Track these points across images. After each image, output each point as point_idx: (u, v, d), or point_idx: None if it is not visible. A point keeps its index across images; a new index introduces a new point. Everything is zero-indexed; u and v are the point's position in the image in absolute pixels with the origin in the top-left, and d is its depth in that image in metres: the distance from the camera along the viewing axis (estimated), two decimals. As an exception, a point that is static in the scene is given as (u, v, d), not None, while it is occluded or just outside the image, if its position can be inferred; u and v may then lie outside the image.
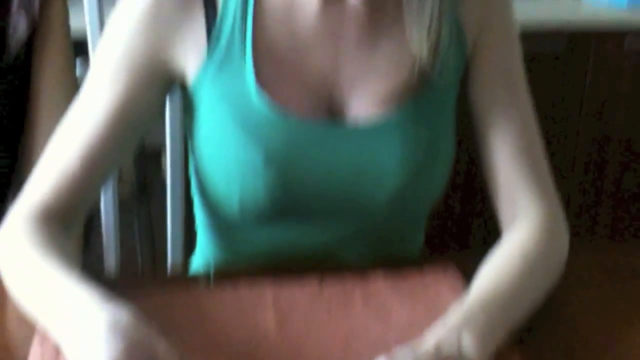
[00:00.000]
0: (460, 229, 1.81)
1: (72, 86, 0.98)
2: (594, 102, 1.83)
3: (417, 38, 0.72)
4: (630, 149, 1.89)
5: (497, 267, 0.69)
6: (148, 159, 1.80)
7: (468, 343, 0.58)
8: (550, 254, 0.73)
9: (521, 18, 1.77)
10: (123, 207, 1.30)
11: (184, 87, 0.77)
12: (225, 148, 0.73)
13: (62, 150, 0.73)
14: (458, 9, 0.76)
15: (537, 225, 0.74)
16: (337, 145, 0.74)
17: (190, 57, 0.73)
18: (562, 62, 1.78)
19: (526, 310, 0.67)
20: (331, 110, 0.75)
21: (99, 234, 1.23)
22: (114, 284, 0.68)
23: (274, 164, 0.72)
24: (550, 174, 0.79)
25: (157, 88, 0.75)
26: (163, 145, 1.24)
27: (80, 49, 1.08)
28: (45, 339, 0.62)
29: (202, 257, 0.89)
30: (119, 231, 1.24)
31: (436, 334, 0.59)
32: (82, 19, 1.15)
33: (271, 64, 0.73)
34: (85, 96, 0.74)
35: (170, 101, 1.18)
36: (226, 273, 0.77)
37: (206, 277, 0.78)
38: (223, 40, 0.72)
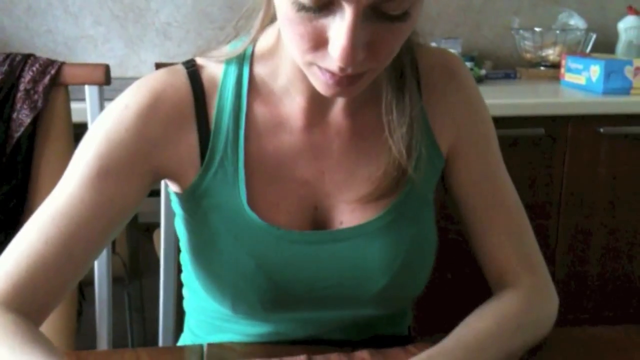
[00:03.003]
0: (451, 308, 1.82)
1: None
2: (573, 184, 1.89)
3: (398, 137, 0.76)
4: (613, 224, 1.94)
5: (467, 324, 0.75)
6: (141, 235, 1.82)
7: None
8: (530, 320, 0.78)
9: (502, 102, 1.84)
10: (115, 283, 1.31)
11: (175, 193, 0.80)
12: (217, 254, 0.76)
13: (40, 235, 0.69)
14: (428, 119, 0.80)
15: (520, 294, 0.79)
16: (323, 251, 0.77)
17: (183, 168, 0.76)
18: (541, 145, 1.85)
19: None
20: (317, 218, 0.79)
21: (91, 305, 1.24)
22: (108, 356, 0.69)
23: (265, 270, 0.76)
24: (537, 249, 0.84)
25: (143, 186, 0.75)
26: (157, 221, 1.26)
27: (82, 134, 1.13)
28: None
29: (190, 340, 0.91)
30: (112, 305, 1.25)
31: None
32: (84, 104, 1.21)
33: (261, 178, 0.76)
34: (68, 184, 0.72)
35: (165, 184, 1.21)
36: (218, 348, 0.80)
37: (199, 350, 0.80)
38: (217, 155, 0.75)
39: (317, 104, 0.77)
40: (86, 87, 1.19)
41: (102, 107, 1.19)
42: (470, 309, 0.78)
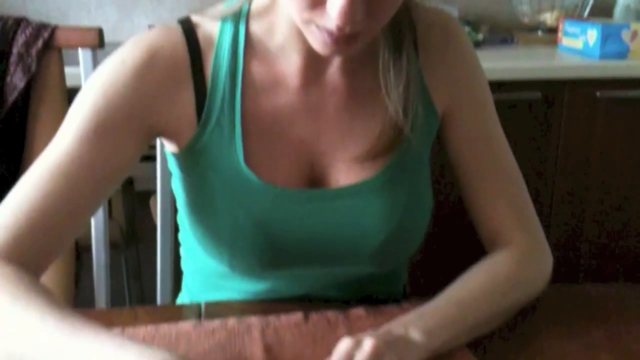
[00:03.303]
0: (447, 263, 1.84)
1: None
2: (570, 148, 1.89)
3: (394, 96, 0.76)
4: (607, 193, 1.95)
5: (461, 281, 0.76)
6: (137, 202, 1.83)
7: (415, 334, 0.66)
8: (523, 279, 0.79)
9: (499, 67, 1.83)
10: (112, 249, 1.32)
11: (171, 152, 0.80)
12: (214, 212, 0.77)
13: (38, 189, 0.69)
14: (424, 79, 0.80)
15: (514, 253, 0.80)
16: (319, 209, 0.78)
17: (179, 127, 0.76)
18: (537, 109, 1.85)
19: (485, 321, 0.73)
20: (314, 177, 0.79)
21: (89, 271, 1.25)
22: (106, 314, 0.70)
23: (262, 228, 0.76)
24: (532, 209, 0.85)
25: (140, 144, 0.75)
26: (152, 188, 1.27)
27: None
28: None
29: (188, 299, 0.92)
30: (109, 270, 1.26)
31: (387, 325, 0.67)
32: (78, 69, 1.20)
33: (257, 136, 0.76)
34: (65, 139, 0.71)
35: (161, 151, 1.21)
36: (215, 306, 0.80)
37: (196, 309, 0.81)
38: (214, 114, 0.75)
39: (313, 63, 0.76)
40: (79, 50, 1.18)
41: (96, 71, 1.18)
42: (465, 271, 0.79)
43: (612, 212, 1.96)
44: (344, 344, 0.61)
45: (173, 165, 0.82)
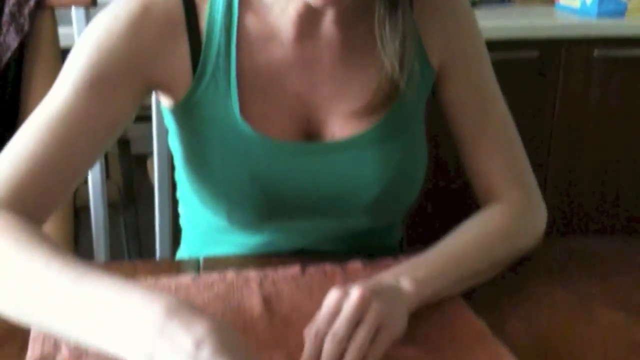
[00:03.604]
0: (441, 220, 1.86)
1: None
2: (566, 107, 1.89)
3: (390, 51, 0.75)
4: (602, 152, 1.95)
5: (453, 234, 0.77)
6: (134, 164, 1.83)
7: (405, 283, 0.67)
8: (514, 231, 0.80)
9: (497, 25, 1.81)
10: (111, 209, 1.33)
11: (167, 107, 0.80)
12: (211, 167, 0.77)
13: (37, 139, 0.69)
14: (419, 33, 0.80)
15: (507, 207, 0.81)
16: (315, 162, 0.78)
17: (175, 80, 0.75)
18: (534, 68, 1.84)
19: (477, 272, 0.74)
20: (310, 131, 0.79)
21: (87, 231, 1.26)
22: (105, 267, 0.71)
23: (259, 181, 0.77)
24: (527, 165, 0.85)
25: (136, 96, 0.75)
26: (149, 151, 1.27)
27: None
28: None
29: (187, 254, 0.93)
30: (108, 230, 1.27)
31: (378, 276, 0.69)
32: (71, 29, 1.19)
33: (253, 90, 0.76)
34: (62, 91, 0.71)
35: (157, 110, 1.21)
36: (214, 261, 0.81)
37: (195, 263, 0.82)
38: (209, 68, 0.75)
39: (308, 16, 0.76)
40: (72, 9, 1.17)
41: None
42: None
43: (608, 171, 1.97)
44: (332, 296, 0.62)
45: (169, 121, 0.82)
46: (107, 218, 1.26)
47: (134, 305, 0.53)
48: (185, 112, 0.78)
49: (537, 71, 1.84)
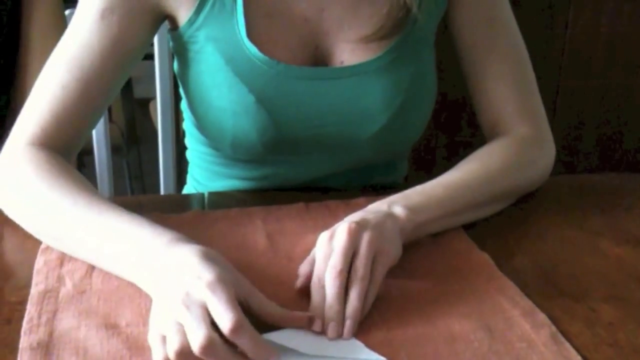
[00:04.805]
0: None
1: (62, 34, 1.00)
2: (576, 41, 1.88)
3: None
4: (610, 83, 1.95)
5: (454, 168, 0.76)
6: (136, 108, 1.82)
7: (397, 210, 0.66)
8: (517, 164, 0.79)
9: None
10: (114, 153, 1.33)
11: (173, 30, 0.79)
12: (217, 89, 0.76)
13: (57, 81, 0.74)
14: None
15: (513, 140, 0.80)
16: (323, 88, 0.77)
17: (181, 1, 0.75)
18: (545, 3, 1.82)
19: (478, 204, 0.73)
20: (318, 57, 0.78)
21: (91, 175, 1.27)
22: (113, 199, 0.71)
23: (264, 105, 0.75)
24: (538, 99, 0.84)
25: (147, 24, 0.76)
26: (150, 95, 1.26)
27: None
28: (48, 248, 0.67)
29: (194, 188, 0.93)
30: (112, 172, 1.28)
31: (370, 205, 0.68)
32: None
33: (259, 12, 0.75)
34: (76, 30, 0.75)
35: (159, 49, 1.20)
36: (218, 196, 0.81)
37: (200, 198, 0.81)
38: None
39: None
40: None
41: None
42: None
43: (613, 107, 1.97)
44: (321, 239, 0.61)
45: (177, 46, 0.81)
46: (111, 161, 1.27)
47: (144, 235, 0.60)
48: (190, 32, 0.76)
49: (547, 6, 1.82)
